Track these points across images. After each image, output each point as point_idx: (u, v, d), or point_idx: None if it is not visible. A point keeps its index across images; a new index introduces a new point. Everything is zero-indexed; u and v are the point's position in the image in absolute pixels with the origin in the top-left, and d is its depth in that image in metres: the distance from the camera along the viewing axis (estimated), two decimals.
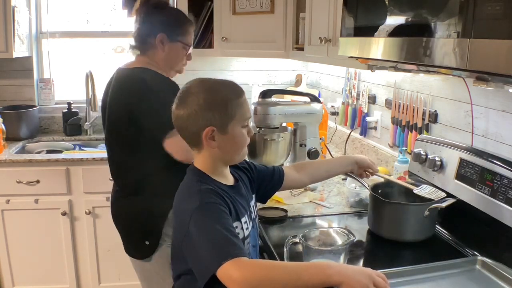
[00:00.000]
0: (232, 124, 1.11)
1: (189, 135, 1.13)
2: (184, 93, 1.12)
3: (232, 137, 1.12)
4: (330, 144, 2.60)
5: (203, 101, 1.08)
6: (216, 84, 1.14)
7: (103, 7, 3.04)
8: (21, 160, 2.38)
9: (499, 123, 1.41)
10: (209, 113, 1.08)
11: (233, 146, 1.14)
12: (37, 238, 2.47)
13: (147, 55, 1.63)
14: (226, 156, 1.15)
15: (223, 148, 1.12)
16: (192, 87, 1.12)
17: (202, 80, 1.15)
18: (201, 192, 1.07)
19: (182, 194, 1.13)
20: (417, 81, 1.84)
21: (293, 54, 2.47)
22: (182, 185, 1.16)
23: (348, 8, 1.48)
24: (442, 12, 1.00)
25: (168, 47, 1.62)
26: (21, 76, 2.90)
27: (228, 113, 1.10)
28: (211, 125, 1.08)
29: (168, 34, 1.61)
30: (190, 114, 1.09)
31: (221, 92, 1.11)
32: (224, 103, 1.09)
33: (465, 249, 1.33)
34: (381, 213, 1.43)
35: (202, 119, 1.08)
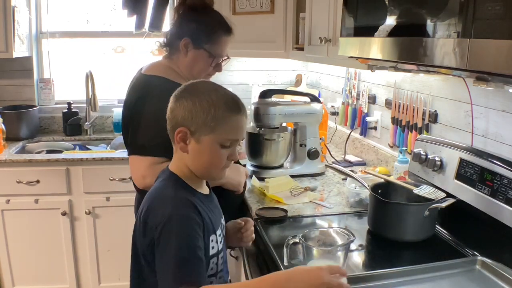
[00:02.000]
0: (208, 137, 1.02)
1: (170, 129, 1.07)
2: (182, 89, 1.08)
3: (205, 151, 1.04)
4: (330, 144, 2.60)
5: (190, 100, 1.02)
6: (214, 90, 1.06)
7: (103, 7, 3.04)
8: (21, 160, 2.38)
9: (499, 123, 1.41)
10: (189, 114, 1.02)
11: (203, 160, 1.05)
12: (37, 238, 2.47)
13: (172, 58, 1.57)
14: (195, 167, 1.07)
15: (192, 157, 1.05)
16: (193, 84, 1.09)
17: (208, 82, 1.10)
18: (175, 199, 1.01)
19: (154, 196, 1.05)
20: (417, 81, 1.84)
21: (293, 54, 2.46)
22: (156, 187, 1.08)
23: (348, 8, 1.48)
24: (442, 12, 1.00)
25: (192, 53, 1.53)
26: (21, 76, 2.90)
27: (207, 122, 1.01)
28: (185, 126, 1.02)
29: (193, 40, 1.52)
30: (175, 108, 1.04)
31: (211, 98, 1.03)
32: (207, 110, 1.01)
33: (465, 249, 1.33)
34: (381, 213, 1.43)
35: (181, 116, 1.03)
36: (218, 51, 1.56)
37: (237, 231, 1.25)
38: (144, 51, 3.03)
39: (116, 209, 2.46)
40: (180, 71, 1.56)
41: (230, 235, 1.25)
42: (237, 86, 3.17)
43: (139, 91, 1.50)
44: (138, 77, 1.56)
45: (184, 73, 1.56)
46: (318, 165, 2.08)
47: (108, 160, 2.43)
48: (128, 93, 1.55)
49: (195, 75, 1.55)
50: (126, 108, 1.53)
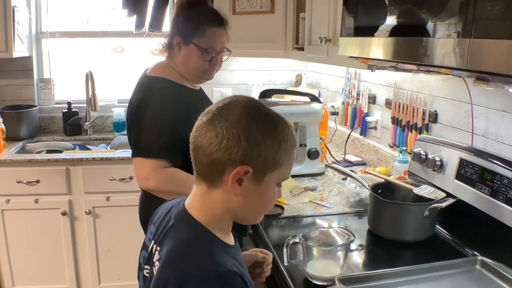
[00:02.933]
0: (271, 175, 0.83)
1: (208, 162, 0.81)
2: (227, 107, 0.83)
3: (264, 191, 0.85)
4: (330, 144, 2.60)
5: (255, 130, 0.80)
6: (275, 115, 0.86)
7: (103, 7, 3.03)
8: (21, 160, 2.38)
9: (499, 123, 1.41)
10: (255, 149, 0.79)
11: (258, 203, 0.87)
12: (37, 238, 2.47)
13: (171, 58, 1.58)
14: (243, 212, 0.87)
15: (246, 201, 0.84)
16: (241, 102, 0.85)
17: (257, 101, 0.89)
18: (220, 280, 0.77)
19: (187, 267, 0.80)
20: (417, 81, 1.84)
21: (293, 54, 2.46)
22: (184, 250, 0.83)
23: (348, 8, 1.48)
24: (442, 12, 1.00)
25: (184, 50, 1.52)
26: (21, 76, 2.89)
27: (276, 159, 0.82)
28: (249, 164, 0.80)
29: (183, 36, 1.51)
30: (225, 137, 0.79)
31: (280, 129, 0.83)
32: (278, 145, 0.82)
33: (465, 249, 1.33)
34: (381, 213, 1.43)
35: (241, 152, 0.79)
36: (208, 44, 1.51)
37: (256, 265, 1.10)
38: (144, 51, 3.03)
39: (116, 209, 2.46)
40: (180, 71, 1.57)
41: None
42: (237, 86, 3.17)
43: (142, 92, 1.51)
44: (142, 78, 1.57)
45: (182, 71, 1.56)
46: (318, 165, 2.08)
47: (108, 160, 2.43)
48: (132, 93, 1.56)
49: (192, 72, 1.55)
50: (129, 109, 1.54)
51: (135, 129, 1.49)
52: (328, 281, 1.12)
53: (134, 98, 1.53)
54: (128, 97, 1.58)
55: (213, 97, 3.13)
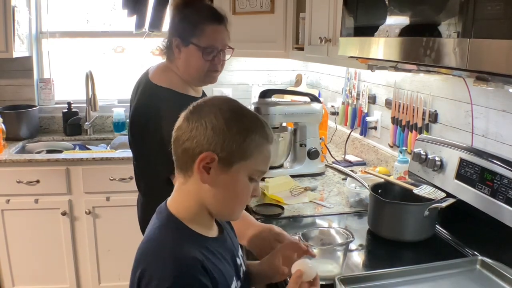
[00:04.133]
0: (239, 165, 0.85)
1: (181, 152, 0.86)
2: (201, 104, 0.89)
3: (233, 181, 0.86)
4: (330, 144, 2.60)
5: (222, 119, 0.84)
6: (247, 110, 0.90)
7: (103, 7, 3.03)
8: (21, 160, 2.38)
9: (499, 123, 1.41)
10: (220, 136, 0.83)
11: (229, 194, 0.88)
12: (37, 238, 2.47)
13: (172, 61, 1.49)
14: (215, 204, 0.88)
15: (215, 191, 0.86)
16: (216, 99, 0.90)
17: (231, 99, 0.93)
18: (175, 261, 0.80)
19: (151, 253, 0.84)
20: (417, 81, 1.84)
21: (293, 54, 2.47)
22: (151, 238, 0.87)
23: (348, 8, 1.48)
24: (442, 12, 1.00)
25: (184, 52, 1.45)
26: (21, 76, 2.89)
27: (243, 148, 0.84)
28: (214, 151, 0.83)
29: (181, 37, 1.44)
30: (195, 127, 0.84)
31: (249, 121, 0.87)
32: (245, 134, 0.84)
33: (465, 249, 1.33)
34: (381, 213, 1.43)
35: (207, 139, 0.83)
36: (208, 42, 1.43)
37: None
38: (144, 51, 3.03)
39: (116, 209, 2.46)
40: (181, 75, 1.49)
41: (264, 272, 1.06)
42: (237, 86, 3.17)
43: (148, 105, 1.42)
44: (146, 84, 1.48)
45: (184, 75, 1.48)
46: (318, 165, 2.08)
47: (108, 160, 2.43)
48: (137, 100, 1.47)
49: (194, 75, 1.48)
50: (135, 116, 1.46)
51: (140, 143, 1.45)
52: (327, 280, 1.12)
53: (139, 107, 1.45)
54: (128, 97, 1.57)
55: None
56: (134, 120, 1.47)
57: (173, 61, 1.49)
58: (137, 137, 1.48)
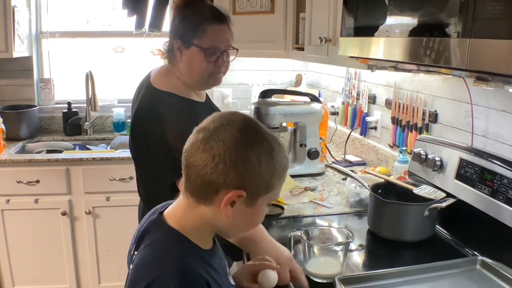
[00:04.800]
0: (263, 198, 0.85)
1: (201, 182, 0.81)
2: (224, 127, 0.82)
3: (254, 213, 0.87)
4: (330, 144, 2.60)
5: (252, 155, 0.80)
6: (272, 139, 0.85)
7: (103, 7, 3.03)
8: (21, 160, 2.38)
9: (499, 123, 1.41)
10: (251, 174, 0.80)
11: (247, 222, 0.90)
12: (37, 238, 2.47)
13: (174, 65, 1.45)
14: (229, 229, 0.89)
15: (235, 221, 0.86)
16: (238, 123, 0.83)
17: (253, 121, 0.87)
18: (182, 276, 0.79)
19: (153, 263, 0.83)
20: (417, 81, 1.84)
21: (293, 54, 2.47)
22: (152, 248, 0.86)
23: (348, 8, 1.48)
24: (442, 12, 1.00)
25: (186, 54, 1.40)
26: (21, 76, 2.89)
27: (269, 183, 0.83)
28: (244, 189, 0.81)
29: (182, 39, 1.39)
30: (222, 161, 0.79)
31: (275, 154, 0.84)
32: (272, 169, 0.83)
33: (465, 249, 1.33)
34: (381, 213, 1.43)
35: (237, 176, 0.80)
36: (210, 43, 1.38)
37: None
38: (144, 51, 3.03)
39: (116, 209, 2.46)
40: (184, 79, 1.44)
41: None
42: (237, 86, 3.17)
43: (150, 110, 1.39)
44: (147, 88, 1.44)
45: (186, 79, 1.44)
46: (318, 165, 2.08)
47: (108, 160, 2.43)
48: (138, 104, 1.44)
49: (197, 78, 1.43)
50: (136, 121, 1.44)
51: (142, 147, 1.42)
52: (328, 279, 1.12)
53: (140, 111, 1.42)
54: (128, 97, 1.57)
55: (213, 97, 3.13)
56: (135, 125, 1.44)
57: (175, 64, 1.45)
58: (137, 142, 1.45)
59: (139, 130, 1.43)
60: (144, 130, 1.40)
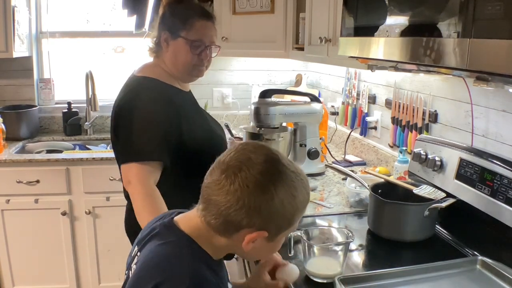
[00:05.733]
0: (285, 233, 0.87)
1: (224, 220, 0.82)
2: (248, 164, 0.82)
3: (274, 246, 0.89)
4: (330, 144, 2.60)
5: (277, 199, 0.81)
6: (296, 178, 0.85)
7: (103, 7, 3.03)
8: (21, 160, 2.38)
9: (499, 123, 1.41)
10: (275, 217, 0.82)
11: (266, 253, 0.93)
12: (37, 238, 2.47)
13: (159, 57, 1.53)
14: (245, 256, 0.93)
15: (254, 253, 0.88)
16: (262, 162, 0.83)
17: (276, 158, 0.85)
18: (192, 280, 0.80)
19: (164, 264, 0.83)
20: (417, 81, 1.84)
21: (293, 54, 2.47)
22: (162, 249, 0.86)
23: (348, 8, 1.48)
24: (442, 12, 1.00)
25: (172, 45, 1.49)
26: (21, 76, 2.89)
27: (292, 221, 0.86)
28: (266, 229, 0.82)
29: (170, 31, 1.48)
30: (247, 205, 0.80)
31: (298, 193, 0.84)
32: (295, 210, 0.84)
33: (465, 249, 1.33)
34: (381, 213, 1.43)
35: (261, 219, 0.81)
36: (196, 36, 1.48)
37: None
38: (144, 51, 3.02)
39: (116, 209, 2.44)
40: (169, 69, 1.52)
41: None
42: (237, 86, 3.17)
43: (127, 93, 1.46)
44: (129, 79, 1.53)
45: (171, 69, 1.51)
46: (318, 165, 2.08)
47: (108, 160, 2.43)
48: (118, 95, 1.52)
49: (181, 68, 1.50)
50: (114, 111, 1.50)
51: (122, 133, 1.44)
52: (328, 279, 1.12)
53: (118, 100, 1.48)
54: None
55: (213, 97, 3.14)
56: (119, 116, 1.48)
57: (161, 55, 1.52)
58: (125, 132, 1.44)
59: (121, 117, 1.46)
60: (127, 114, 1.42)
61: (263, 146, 0.87)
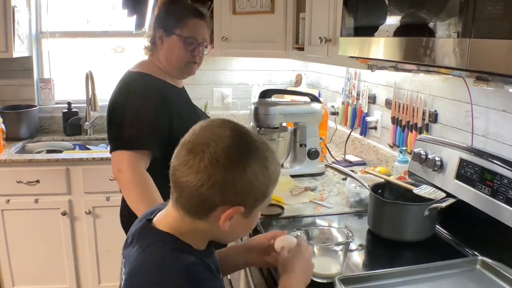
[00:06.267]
0: (260, 206, 0.86)
1: (197, 201, 0.80)
2: (215, 142, 0.79)
3: (250, 221, 0.87)
4: (330, 144, 2.60)
5: (249, 170, 0.79)
6: (264, 147, 0.84)
7: (103, 7, 3.03)
8: (21, 160, 2.38)
9: (499, 123, 1.41)
10: (249, 190, 0.80)
11: (244, 230, 0.91)
12: (37, 238, 2.47)
13: (154, 55, 1.61)
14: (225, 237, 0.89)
15: (232, 230, 0.84)
16: (230, 136, 0.81)
17: (243, 131, 0.84)
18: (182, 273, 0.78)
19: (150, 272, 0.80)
20: (417, 81, 1.84)
21: (293, 54, 2.46)
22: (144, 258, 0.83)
23: (348, 8, 1.48)
24: (442, 12, 1.00)
25: (166, 42, 1.56)
26: (21, 76, 2.89)
27: (266, 193, 0.84)
28: (242, 204, 0.81)
29: (165, 29, 1.55)
30: (218, 182, 0.78)
31: (269, 163, 0.83)
32: (267, 181, 0.83)
33: (465, 249, 1.33)
34: (381, 213, 1.43)
35: (235, 193, 0.79)
36: (190, 33, 1.55)
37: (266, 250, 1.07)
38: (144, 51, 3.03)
39: (116, 209, 2.42)
40: (163, 66, 1.58)
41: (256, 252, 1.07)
42: (237, 86, 3.17)
43: (121, 86, 1.53)
44: (124, 74, 1.59)
45: (165, 66, 1.58)
46: (318, 165, 2.08)
47: (108, 160, 2.41)
48: (113, 89, 1.57)
49: (175, 64, 1.57)
50: (109, 104, 1.55)
51: (115, 123, 1.50)
52: (328, 279, 1.12)
53: (113, 93, 1.54)
54: None
55: (213, 97, 3.14)
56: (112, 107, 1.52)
57: (155, 53, 1.60)
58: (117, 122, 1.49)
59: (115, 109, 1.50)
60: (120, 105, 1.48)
61: (228, 120, 0.85)
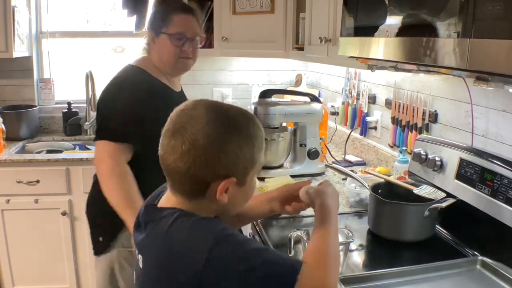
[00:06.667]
0: (251, 173, 0.87)
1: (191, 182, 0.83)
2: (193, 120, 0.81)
3: (247, 189, 0.89)
4: (330, 144, 2.60)
5: (231, 142, 0.81)
6: (243, 116, 0.86)
7: (103, 7, 3.04)
8: (21, 160, 2.38)
9: (499, 123, 1.41)
10: (236, 160, 0.82)
11: (243, 198, 0.92)
12: (37, 238, 2.47)
13: (150, 55, 1.64)
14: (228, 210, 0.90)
15: (232, 201, 0.86)
16: (205, 111, 0.83)
17: (217, 104, 0.86)
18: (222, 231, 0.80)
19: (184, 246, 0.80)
20: (417, 81, 1.84)
21: (293, 54, 2.46)
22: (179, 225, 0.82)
23: (348, 8, 1.48)
24: (442, 12, 1.00)
25: (157, 42, 1.58)
26: (21, 76, 2.89)
27: (254, 159, 0.85)
28: (233, 175, 0.83)
29: (154, 30, 1.58)
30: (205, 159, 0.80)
31: (250, 132, 0.85)
32: (252, 148, 0.84)
33: (465, 249, 1.33)
34: (381, 213, 1.43)
35: (222, 167, 0.81)
36: (176, 30, 1.55)
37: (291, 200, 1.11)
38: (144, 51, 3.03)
39: None
40: (158, 66, 1.61)
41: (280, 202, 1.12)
42: (237, 86, 3.17)
43: (115, 79, 1.57)
44: (123, 67, 1.63)
45: (159, 65, 1.60)
46: (318, 165, 2.08)
47: None
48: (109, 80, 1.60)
49: (166, 62, 1.59)
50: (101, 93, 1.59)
51: (102, 114, 1.52)
52: None
53: (107, 84, 1.58)
54: None
55: (213, 97, 3.14)
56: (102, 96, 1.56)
57: (150, 53, 1.63)
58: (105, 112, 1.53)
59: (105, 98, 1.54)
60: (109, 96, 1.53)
61: (201, 100, 0.87)
